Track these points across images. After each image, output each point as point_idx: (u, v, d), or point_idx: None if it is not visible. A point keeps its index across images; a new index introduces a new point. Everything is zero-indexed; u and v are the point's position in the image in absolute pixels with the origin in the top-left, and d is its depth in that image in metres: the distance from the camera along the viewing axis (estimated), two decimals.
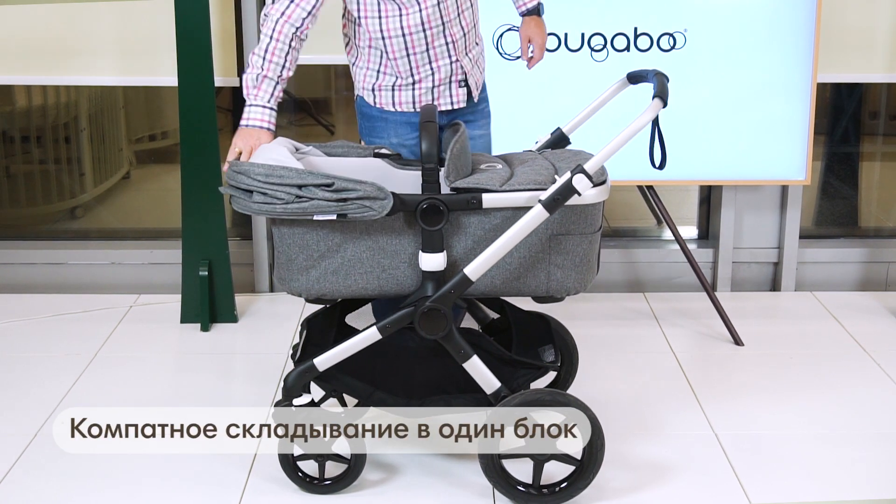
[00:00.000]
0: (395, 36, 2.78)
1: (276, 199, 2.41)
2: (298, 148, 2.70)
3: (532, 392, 2.56)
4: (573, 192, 2.42)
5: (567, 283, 2.55)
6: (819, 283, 4.12)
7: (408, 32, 2.77)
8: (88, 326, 3.72)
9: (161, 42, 3.79)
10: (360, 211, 2.41)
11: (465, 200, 2.46)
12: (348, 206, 2.40)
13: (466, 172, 2.52)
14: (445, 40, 2.83)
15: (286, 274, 2.53)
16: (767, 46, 3.62)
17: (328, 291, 2.53)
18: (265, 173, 2.42)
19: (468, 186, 2.47)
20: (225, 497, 2.65)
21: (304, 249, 2.49)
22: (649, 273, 4.11)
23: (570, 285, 2.55)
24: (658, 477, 2.75)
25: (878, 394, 3.23)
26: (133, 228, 4.48)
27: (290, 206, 2.41)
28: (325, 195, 2.40)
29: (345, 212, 2.41)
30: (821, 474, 2.78)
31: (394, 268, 2.50)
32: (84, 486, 2.70)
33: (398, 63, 2.83)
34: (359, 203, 2.40)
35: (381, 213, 2.41)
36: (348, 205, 2.40)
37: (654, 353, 3.50)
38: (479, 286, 2.52)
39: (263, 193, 2.42)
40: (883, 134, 4.49)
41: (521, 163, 2.66)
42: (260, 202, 2.43)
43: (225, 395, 3.24)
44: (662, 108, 2.54)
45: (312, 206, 2.40)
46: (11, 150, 4.41)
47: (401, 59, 2.82)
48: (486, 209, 2.47)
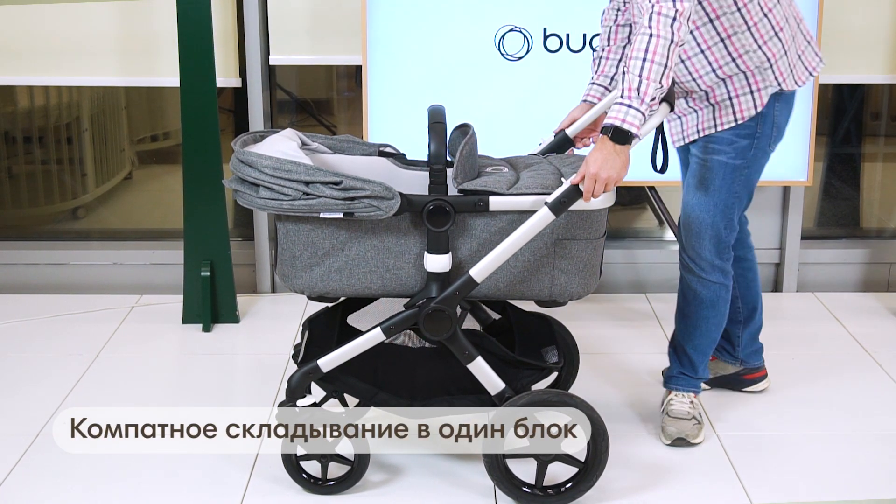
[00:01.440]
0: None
1: (283, 196, 2.40)
2: (306, 142, 2.69)
3: (538, 393, 2.57)
4: (579, 195, 2.42)
5: (570, 287, 2.55)
6: (821, 283, 4.12)
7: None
8: (90, 327, 3.72)
9: (163, 42, 3.79)
10: (367, 210, 2.40)
11: (472, 202, 2.46)
12: (355, 204, 2.40)
13: (474, 175, 2.52)
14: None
15: (289, 271, 2.52)
16: None
17: (331, 290, 2.53)
18: (273, 166, 2.40)
19: (476, 189, 2.47)
20: (226, 497, 2.65)
21: (308, 247, 2.48)
22: (651, 274, 4.11)
23: (573, 290, 2.55)
24: (660, 477, 2.76)
25: (880, 394, 3.23)
26: (135, 229, 4.48)
27: (296, 202, 2.40)
28: (332, 193, 2.39)
29: (352, 210, 2.41)
30: (822, 474, 2.78)
31: (398, 268, 2.50)
32: (86, 487, 2.70)
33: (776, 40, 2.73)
34: (366, 202, 2.40)
35: (388, 212, 2.40)
36: (355, 203, 2.40)
37: (656, 353, 3.50)
38: (482, 289, 2.52)
39: (270, 188, 2.41)
40: (885, 135, 4.48)
41: (527, 167, 2.66)
42: (266, 197, 2.41)
43: (226, 396, 3.24)
44: (669, 112, 2.56)
45: (319, 203, 2.40)
46: (13, 150, 4.41)
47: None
48: (493, 212, 2.47)
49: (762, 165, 2.83)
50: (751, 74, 2.70)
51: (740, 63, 2.69)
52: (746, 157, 2.77)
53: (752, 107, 2.73)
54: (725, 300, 2.91)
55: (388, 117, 3.67)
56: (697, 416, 2.94)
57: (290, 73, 4.27)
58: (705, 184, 2.80)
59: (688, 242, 2.87)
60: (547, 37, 3.63)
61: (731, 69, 2.70)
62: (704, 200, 2.80)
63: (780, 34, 2.70)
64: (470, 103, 3.62)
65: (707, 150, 2.80)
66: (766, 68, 2.70)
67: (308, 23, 3.83)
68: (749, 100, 2.72)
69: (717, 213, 2.81)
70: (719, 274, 2.87)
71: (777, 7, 2.69)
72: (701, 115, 2.79)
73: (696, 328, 2.93)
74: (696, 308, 2.91)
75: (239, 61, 3.89)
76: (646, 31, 2.43)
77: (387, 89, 3.66)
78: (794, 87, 2.77)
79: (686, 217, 2.86)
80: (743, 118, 2.73)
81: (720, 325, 2.94)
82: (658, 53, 2.41)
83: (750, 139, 2.76)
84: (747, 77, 2.71)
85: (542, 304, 2.60)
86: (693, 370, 2.97)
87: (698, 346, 2.95)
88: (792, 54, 2.75)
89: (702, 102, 2.78)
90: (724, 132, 2.76)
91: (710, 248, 2.83)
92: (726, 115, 2.74)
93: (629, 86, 2.42)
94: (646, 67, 2.41)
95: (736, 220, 2.85)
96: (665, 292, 4.06)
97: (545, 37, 3.63)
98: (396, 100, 3.67)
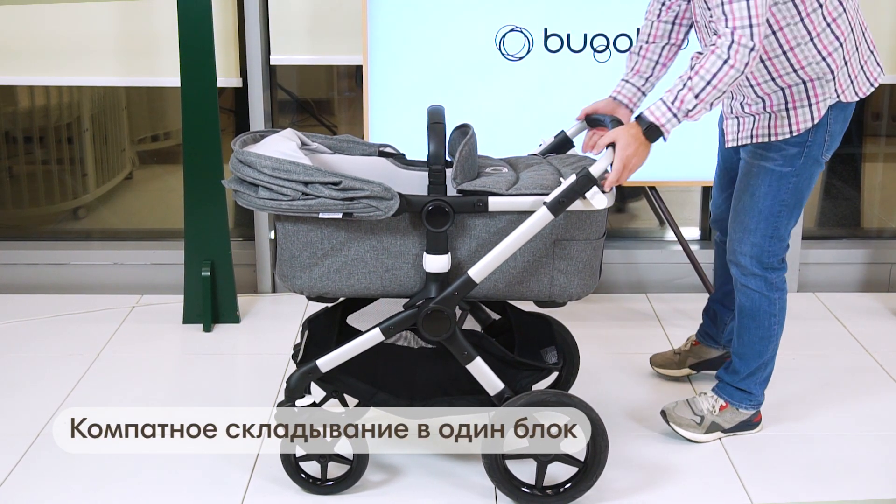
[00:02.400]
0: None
1: (282, 196, 2.40)
2: (305, 143, 2.69)
3: (537, 393, 2.56)
4: (578, 195, 2.41)
5: (570, 288, 2.55)
6: (822, 284, 4.12)
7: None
8: (91, 327, 3.72)
9: (163, 42, 3.79)
10: (366, 210, 2.40)
11: (471, 203, 2.46)
12: (354, 205, 2.40)
13: (473, 175, 2.52)
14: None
15: (288, 271, 2.52)
16: None
17: (331, 290, 2.53)
18: (272, 166, 2.40)
19: (475, 189, 2.47)
20: (227, 497, 2.65)
21: (307, 247, 2.48)
22: (651, 274, 4.10)
23: (572, 291, 2.55)
24: (660, 478, 2.75)
25: (881, 395, 3.23)
26: (135, 229, 4.48)
27: (295, 203, 2.40)
28: (331, 193, 2.39)
29: (350, 210, 2.40)
30: (823, 475, 2.78)
31: (397, 268, 2.50)
32: (86, 487, 2.70)
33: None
34: (365, 202, 2.40)
35: (388, 213, 2.40)
36: (354, 204, 2.40)
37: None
38: (481, 289, 2.52)
39: (269, 188, 2.41)
40: (886, 135, 4.48)
41: (527, 167, 2.65)
42: (265, 198, 2.41)
43: (227, 396, 3.24)
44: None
45: (318, 203, 2.40)
46: (14, 150, 4.41)
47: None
48: (492, 212, 2.47)
49: (814, 174, 2.74)
50: (811, 85, 2.64)
51: (802, 74, 2.63)
52: (795, 166, 2.70)
53: (809, 119, 2.66)
54: (768, 313, 2.83)
55: (388, 117, 3.67)
56: (713, 422, 2.90)
57: (291, 73, 4.27)
58: (751, 189, 2.75)
59: (730, 246, 2.84)
60: (548, 37, 3.63)
61: (792, 79, 2.64)
62: (749, 205, 2.75)
63: (844, 44, 2.63)
64: (470, 103, 3.62)
65: (756, 155, 2.74)
66: (828, 80, 2.63)
67: (309, 23, 3.83)
68: (806, 112, 2.66)
69: (760, 221, 2.74)
70: (760, 282, 2.79)
71: (842, 16, 2.61)
72: (757, 121, 2.72)
73: (738, 336, 2.90)
74: (738, 313, 2.88)
75: (240, 61, 3.89)
76: (722, 54, 2.41)
77: (387, 89, 3.66)
78: (853, 99, 2.70)
79: (731, 220, 2.82)
80: (798, 131, 2.67)
81: (765, 339, 2.86)
82: (724, 82, 2.42)
83: (800, 147, 2.69)
84: (807, 88, 2.64)
85: (542, 304, 2.60)
86: (734, 376, 2.92)
87: (742, 355, 2.89)
88: (854, 64, 2.68)
89: (758, 108, 2.71)
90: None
91: (750, 254, 2.78)
92: (781, 126, 2.68)
93: (682, 98, 2.43)
94: (706, 91, 2.43)
95: (784, 230, 2.77)
96: (665, 292, 4.06)
97: (546, 37, 3.63)
98: (397, 100, 3.67)
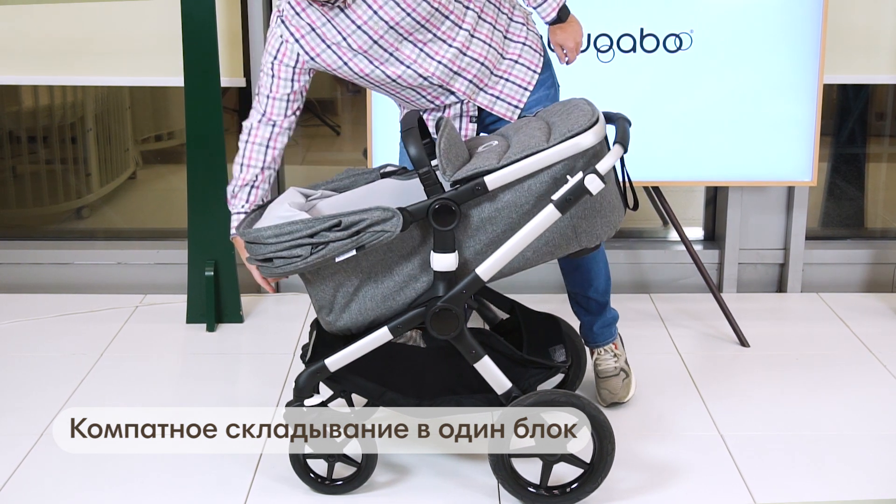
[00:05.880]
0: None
1: (296, 257, 2.43)
2: (308, 195, 2.71)
3: (545, 393, 2.56)
4: (585, 193, 2.40)
5: (595, 230, 2.51)
6: (825, 284, 4.12)
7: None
8: (94, 326, 3.72)
9: (167, 42, 3.79)
10: (376, 237, 2.41)
11: (469, 189, 2.43)
12: (363, 236, 2.41)
13: (462, 162, 2.49)
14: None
15: (331, 317, 2.56)
16: (773, 47, 3.62)
17: (373, 317, 2.55)
18: (275, 234, 2.45)
19: (467, 175, 2.44)
20: (230, 497, 2.65)
21: (338, 289, 2.52)
22: (655, 274, 4.11)
23: (598, 232, 2.52)
24: (663, 478, 2.75)
25: (884, 395, 3.23)
26: (139, 228, 4.49)
27: (310, 258, 2.43)
28: (337, 235, 2.40)
29: (362, 243, 2.41)
30: (826, 475, 2.78)
31: (426, 274, 2.51)
32: (90, 486, 2.70)
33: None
34: (371, 231, 2.40)
35: (396, 230, 2.40)
36: (362, 236, 2.40)
37: (660, 354, 3.50)
38: (513, 264, 2.49)
39: (281, 257, 2.45)
40: (889, 135, 4.49)
41: (517, 131, 2.61)
42: (282, 265, 2.46)
43: (231, 396, 3.24)
44: (623, 154, 2.50)
45: (330, 249, 2.42)
46: (18, 150, 4.42)
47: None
48: (494, 192, 2.44)
49: None
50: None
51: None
52: None
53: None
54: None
55: (391, 117, 3.66)
56: (625, 368, 3.05)
57: None
58: None
59: None
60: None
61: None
62: None
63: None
64: None
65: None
66: None
67: None
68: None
69: None
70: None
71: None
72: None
73: (595, 277, 3.02)
74: (581, 263, 2.99)
75: (244, 61, 3.89)
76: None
77: None
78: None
79: None
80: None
81: (600, 260, 3.03)
82: None
83: None
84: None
85: (576, 254, 2.57)
86: (603, 313, 3.06)
87: (598, 288, 3.03)
88: None
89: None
90: None
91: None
92: None
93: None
94: None
95: None
96: (669, 293, 4.06)
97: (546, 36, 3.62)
98: None
